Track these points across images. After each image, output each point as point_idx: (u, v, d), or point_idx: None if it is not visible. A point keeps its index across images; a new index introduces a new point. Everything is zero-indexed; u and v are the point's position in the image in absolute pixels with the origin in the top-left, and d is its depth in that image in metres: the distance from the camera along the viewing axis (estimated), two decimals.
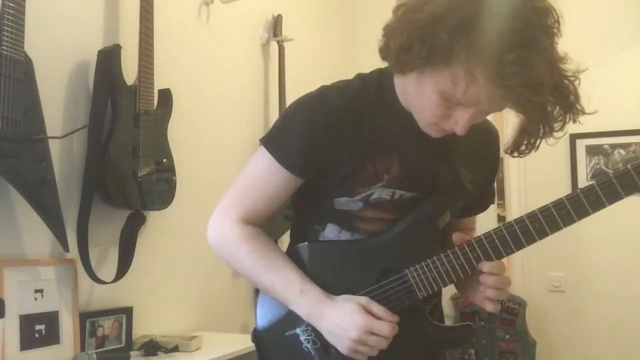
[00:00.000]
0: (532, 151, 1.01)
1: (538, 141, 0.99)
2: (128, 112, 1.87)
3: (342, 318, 1.00)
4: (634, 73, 3.15)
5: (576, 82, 0.96)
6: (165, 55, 2.11)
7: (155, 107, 1.97)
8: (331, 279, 1.06)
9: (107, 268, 1.90)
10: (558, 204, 1.00)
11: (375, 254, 1.07)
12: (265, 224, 1.13)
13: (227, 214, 1.10)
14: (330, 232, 1.10)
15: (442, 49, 0.86)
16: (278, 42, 2.80)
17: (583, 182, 3.20)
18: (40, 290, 1.66)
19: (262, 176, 1.08)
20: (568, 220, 0.99)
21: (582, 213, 0.98)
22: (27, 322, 1.60)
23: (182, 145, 2.16)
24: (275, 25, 2.82)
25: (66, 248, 1.68)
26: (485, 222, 3.46)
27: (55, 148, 1.70)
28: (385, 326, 0.99)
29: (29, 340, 1.60)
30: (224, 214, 1.10)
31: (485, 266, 1.01)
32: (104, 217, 1.88)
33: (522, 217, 1.00)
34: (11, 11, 1.47)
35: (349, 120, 1.03)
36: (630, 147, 3.12)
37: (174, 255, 2.17)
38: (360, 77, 1.09)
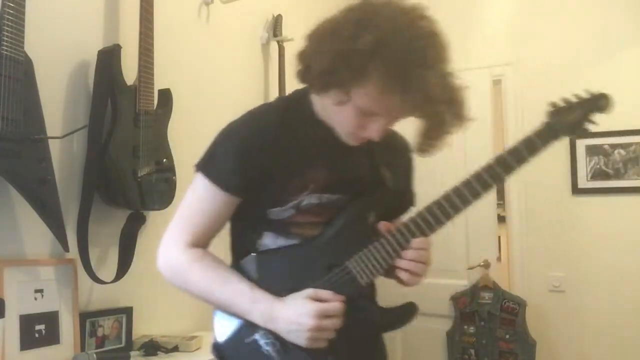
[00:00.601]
0: (434, 151, 1.16)
1: (438, 143, 1.13)
2: (128, 112, 1.87)
3: (295, 313, 1.07)
4: (634, 73, 3.15)
5: (462, 94, 1.08)
6: (165, 55, 2.11)
7: (155, 107, 1.97)
8: (280, 285, 1.13)
9: (107, 268, 1.90)
10: (466, 183, 1.13)
11: (317, 255, 1.15)
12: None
13: (174, 242, 1.16)
14: (268, 239, 1.17)
15: (359, 70, 1.00)
16: (278, 42, 2.80)
17: (583, 182, 3.20)
18: (40, 290, 1.66)
19: (202, 200, 1.16)
20: (481, 193, 1.13)
21: (485, 188, 1.14)
22: (27, 322, 1.61)
23: (182, 145, 2.16)
24: (275, 25, 2.82)
25: (66, 248, 1.68)
26: (485, 222, 3.45)
27: (55, 148, 1.70)
28: (335, 305, 1.08)
29: (29, 340, 1.60)
30: (171, 243, 1.17)
31: (414, 243, 1.12)
32: (104, 217, 1.88)
33: (438, 199, 1.12)
34: (11, 11, 1.47)
35: (276, 138, 1.13)
36: (630, 147, 3.12)
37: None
38: (281, 99, 1.23)
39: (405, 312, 1.18)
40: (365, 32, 0.98)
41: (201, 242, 1.18)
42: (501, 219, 3.45)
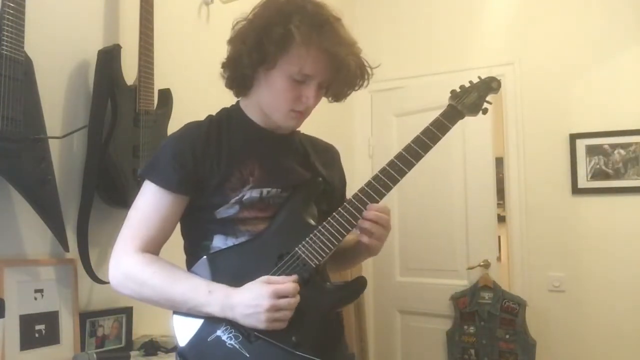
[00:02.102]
0: (342, 101, 1.33)
1: (347, 92, 1.30)
2: (128, 112, 1.87)
3: (250, 296, 1.11)
4: (634, 73, 3.15)
5: (362, 53, 1.26)
6: (165, 55, 2.11)
7: (155, 107, 1.97)
8: (234, 281, 1.16)
9: (107, 268, 1.90)
10: (390, 163, 1.24)
11: (266, 247, 1.21)
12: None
13: (124, 250, 1.19)
14: (218, 242, 1.23)
15: (281, 37, 1.15)
16: None
17: (583, 182, 3.20)
18: (40, 290, 1.66)
19: (149, 204, 1.21)
20: (405, 170, 1.24)
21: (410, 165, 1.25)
22: (27, 322, 1.60)
23: None
24: None
25: (66, 248, 1.68)
26: (485, 222, 3.44)
27: (55, 148, 1.70)
28: (289, 285, 1.12)
29: (29, 340, 1.60)
30: (122, 252, 1.20)
31: (368, 206, 1.21)
32: (104, 217, 1.88)
33: (377, 173, 1.24)
34: (11, 11, 1.47)
35: (208, 143, 1.24)
36: (630, 147, 3.12)
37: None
38: (212, 115, 1.33)
39: (356, 287, 1.25)
40: (275, 12, 1.18)
41: (151, 247, 1.21)
42: (501, 219, 3.45)
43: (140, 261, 1.18)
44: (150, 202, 1.21)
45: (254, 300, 1.10)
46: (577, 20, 3.30)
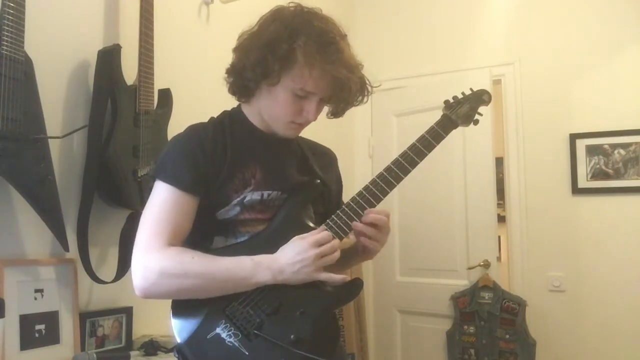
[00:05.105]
0: (339, 116, 1.36)
1: (346, 109, 1.33)
2: (128, 112, 1.87)
3: (293, 253, 1.16)
4: (634, 73, 3.15)
5: (364, 72, 1.28)
6: (165, 55, 2.11)
7: (155, 107, 1.97)
8: None
9: (107, 268, 1.90)
10: (387, 169, 1.28)
11: (266, 244, 1.21)
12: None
13: (150, 249, 1.17)
14: (219, 243, 1.25)
15: (285, 54, 1.18)
16: None
17: (583, 181, 3.20)
18: (40, 290, 1.66)
19: (165, 203, 1.20)
20: (401, 176, 1.28)
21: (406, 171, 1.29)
22: (27, 322, 1.61)
23: None
24: None
25: (66, 248, 1.68)
26: (485, 222, 3.44)
27: (55, 148, 1.70)
28: (324, 233, 1.19)
29: (29, 340, 1.60)
30: (147, 251, 1.17)
31: (366, 211, 1.24)
32: (104, 217, 1.88)
33: (374, 178, 1.27)
34: (11, 11, 1.47)
35: (215, 144, 1.26)
36: (630, 147, 3.12)
37: None
38: (214, 118, 1.36)
39: (352, 288, 1.28)
40: (282, 27, 1.19)
41: (176, 243, 1.19)
42: (501, 219, 3.45)
43: (173, 253, 1.16)
44: (165, 200, 1.20)
45: (298, 255, 1.15)
46: (577, 20, 3.30)
